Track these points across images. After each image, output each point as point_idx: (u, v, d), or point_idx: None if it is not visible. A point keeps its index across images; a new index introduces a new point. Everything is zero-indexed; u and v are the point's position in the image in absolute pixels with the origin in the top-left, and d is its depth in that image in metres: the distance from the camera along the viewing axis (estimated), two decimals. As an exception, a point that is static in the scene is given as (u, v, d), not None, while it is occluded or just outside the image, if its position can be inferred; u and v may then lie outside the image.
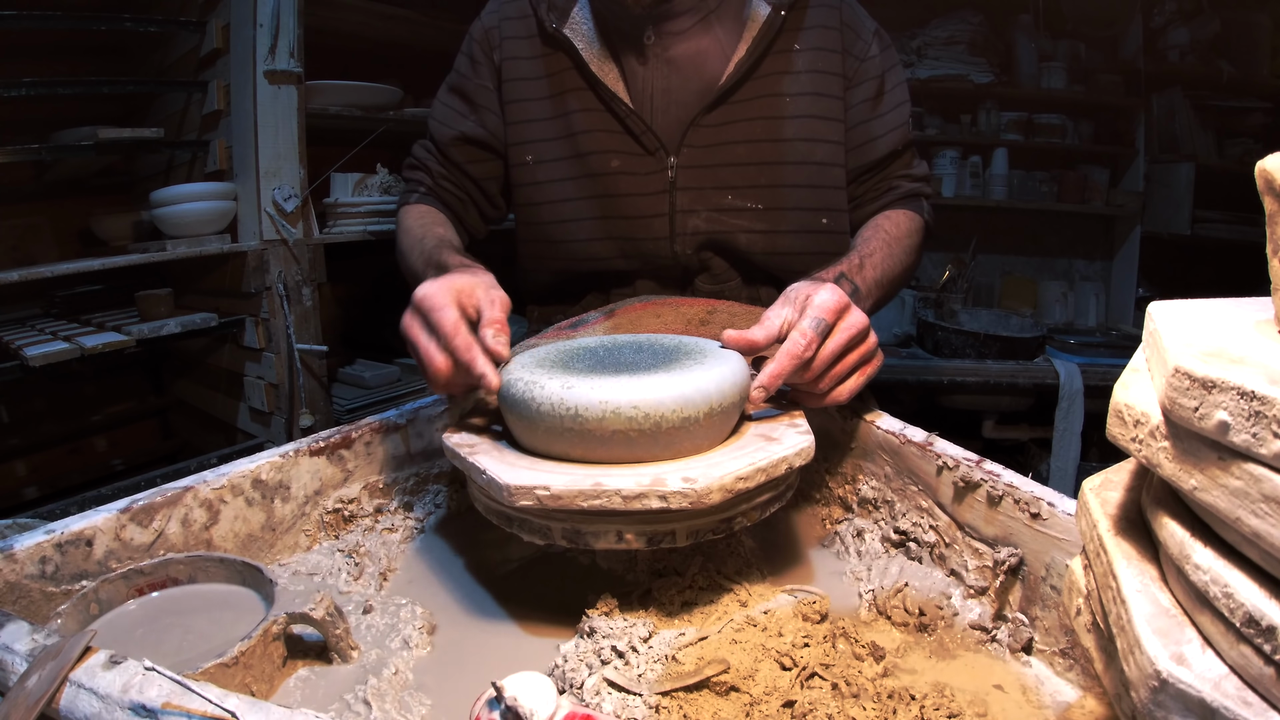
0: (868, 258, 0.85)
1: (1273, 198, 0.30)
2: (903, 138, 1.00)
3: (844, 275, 0.79)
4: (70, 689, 0.35)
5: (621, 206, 0.97)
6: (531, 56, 0.99)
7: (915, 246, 0.96)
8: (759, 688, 0.44)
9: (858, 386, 0.65)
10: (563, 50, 0.96)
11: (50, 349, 1.36)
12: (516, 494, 0.49)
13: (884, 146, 0.99)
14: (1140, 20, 2.67)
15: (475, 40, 1.03)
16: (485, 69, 1.02)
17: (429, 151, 1.05)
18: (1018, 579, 0.53)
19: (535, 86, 0.99)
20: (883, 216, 0.96)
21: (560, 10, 0.96)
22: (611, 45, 0.95)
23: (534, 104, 0.99)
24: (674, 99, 0.94)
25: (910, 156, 1.03)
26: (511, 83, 1.00)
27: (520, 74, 0.99)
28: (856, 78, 0.97)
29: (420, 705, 0.46)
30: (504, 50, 1.00)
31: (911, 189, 1.01)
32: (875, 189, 1.01)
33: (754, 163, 0.95)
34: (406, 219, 0.99)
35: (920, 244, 0.98)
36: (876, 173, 1.01)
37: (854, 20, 0.98)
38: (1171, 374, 0.29)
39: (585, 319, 1.02)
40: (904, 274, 0.93)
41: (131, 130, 1.55)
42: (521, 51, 0.99)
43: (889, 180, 1.01)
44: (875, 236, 0.90)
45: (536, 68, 0.98)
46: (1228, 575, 0.28)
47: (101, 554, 0.52)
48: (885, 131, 0.98)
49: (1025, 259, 2.97)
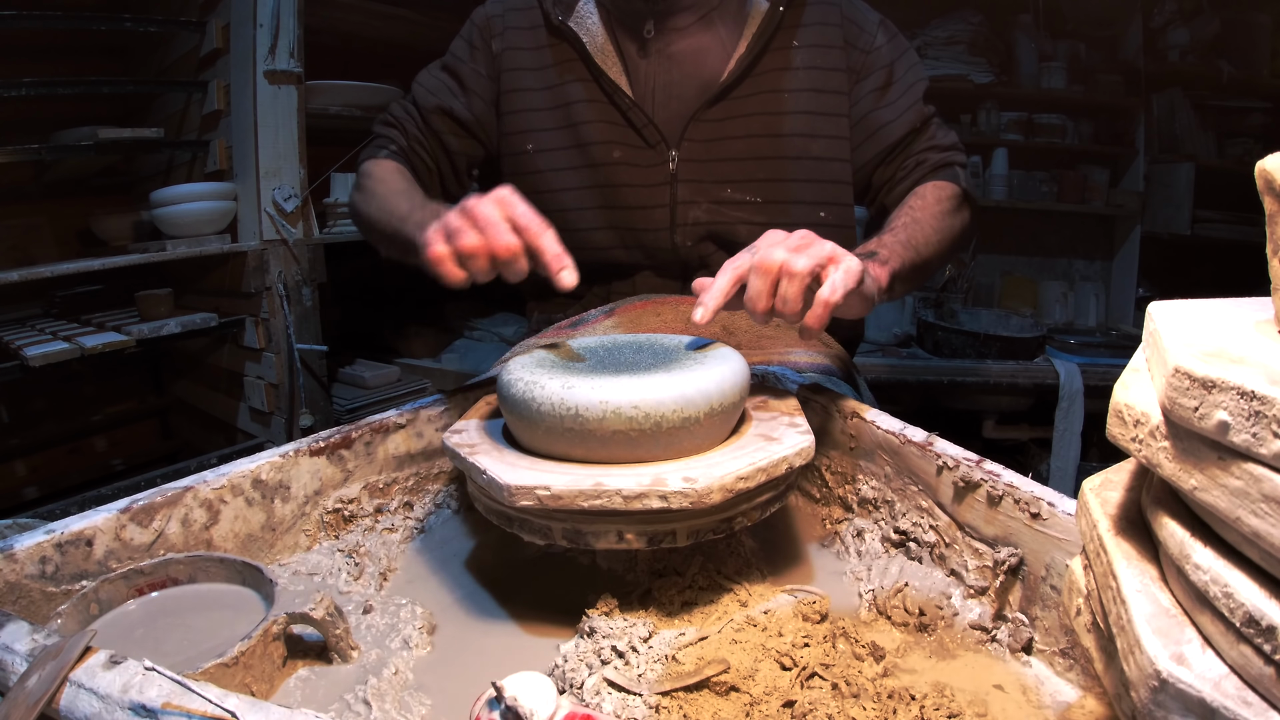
0: (888, 231, 0.84)
1: (1273, 198, 0.30)
2: (919, 115, 0.98)
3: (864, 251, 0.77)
4: (70, 689, 0.35)
5: (622, 196, 0.97)
6: (534, 47, 0.99)
7: (950, 210, 0.92)
8: (759, 688, 0.44)
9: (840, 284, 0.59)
10: (567, 42, 0.97)
11: (50, 349, 1.36)
12: (517, 494, 0.49)
13: (900, 128, 0.97)
14: (1140, 20, 2.67)
15: (476, 26, 1.03)
16: (482, 55, 1.01)
17: (408, 113, 1.02)
18: (1018, 579, 0.53)
19: (537, 77, 0.99)
20: (911, 195, 0.94)
21: (566, 3, 0.97)
22: (616, 39, 0.96)
23: (535, 94, 0.99)
24: (675, 93, 0.95)
25: (933, 129, 1.00)
26: (511, 72, 1.00)
27: (521, 64, 1.00)
28: (864, 70, 0.97)
29: (420, 705, 0.46)
30: (505, 40, 1.00)
31: (941, 159, 0.98)
32: (903, 168, 0.99)
33: (753, 157, 0.95)
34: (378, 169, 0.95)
35: (958, 207, 0.94)
36: (899, 153, 0.99)
37: (855, 15, 0.99)
38: (1171, 374, 0.29)
39: (586, 318, 1.02)
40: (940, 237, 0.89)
41: (131, 130, 1.55)
42: (524, 42, 1.00)
43: (915, 156, 0.99)
44: (898, 215, 0.88)
45: (539, 58, 0.99)
46: (1228, 575, 0.28)
47: (101, 554, 0.52)
48: (897, 115, 0.98)
49: (1025, 259, 2.97)
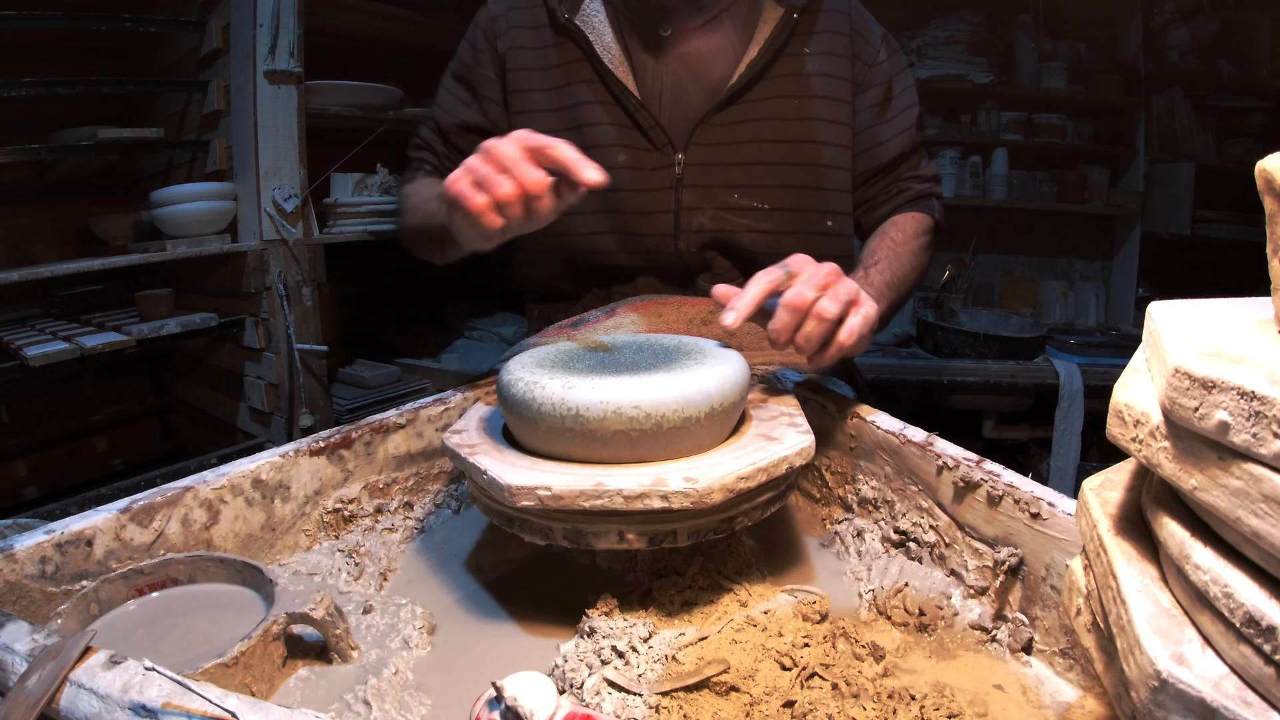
0: (873, 266, 0.87)
1: (1273, 198, 0.30)
2: (910, 140, 1.00)
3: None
4: (70, 689, 0.35)
5: (626, 201, 0.97)
6: (539, 46, 0.98)
7: (925, 246, 0.97)
8: (759, 688, 0.44)
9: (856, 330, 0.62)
10: (574, 41, 0.96)
11: (50, 349, 1.36)
12: (518, 494, 0.49)
13: (892, 150, 0.99)
14: (1140, 20, 2.67)
15: (480, 28, 1.02)
16: (488, 57, 1.01)
17: (434, 134, 1.06)
18: (1018, 579, 0.53)
19: (542, 77, 0.98)
20: (890, 224, 0.98)
21: (571, 1, 0.96)
22: (624, 39, 0.95)
23: (540, 94, 0.99)
24: (683, 96, 0.94)
25: (919, 158, 1.03)
26: (516, 72, 0.99)
27: (526, 64, 0.99)
28: (865, 83, 0.98)
29: (420, 705, 0.46)
30: (510, 39, 0.99)
31: (921, 190, 1.02)
32: (885, 191, 1.02)
33: (761, 163, 0.95)
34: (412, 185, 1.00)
35: (931, 243, 0.99)
36: (885, 175, 1.01)
37: (863, 26, 0.99)
38: (1171, 374, 0.29)
39: (586, 318, 1.02)
40: (915, 274, 0.95)
41: (131, 130, 1.55)
42: (528, 41, 0.99)
43: (898, 183, 1.02)
44: (881, 246, 0.92)
45: (544, 58, 0.98)
46: (1228, 575, 0.28)
47: (101, 554, 0.52)
48: (892, 136, 0.99)
49: (1025, 259, 2.97)
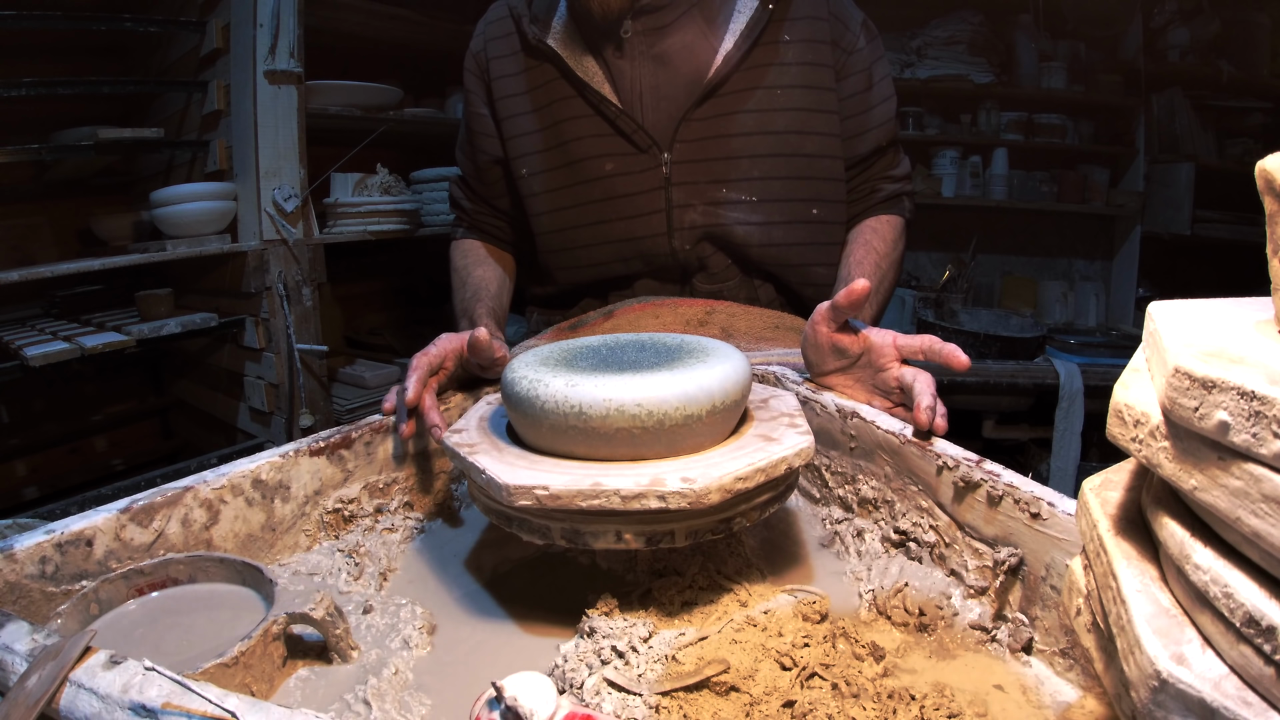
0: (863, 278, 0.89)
1: (1273, 198, 0.30)
2: (888, 134, 1.00)
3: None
4: (70, 689, 0.35)
5: (618, 208, 0.97)
6: (517, 72, 0.99)
7: (902, 253, 1.01)
8: (759, 688, 0.44)
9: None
10: (547, 60, 0.96)
11: (50, 349, 1.36)
12: (515, 494, 0.49)
13: (869, 142, 0.99)
14: (1140, 20, 2.67)
15: (468, 70, 1.05)
16: (478, 96, 1.03)
17: (459, 187, 1.12)
18: (1018, 579, 0.53)
19: (524, 101, 0.99)
20: (869, 230, 0.98)
21: (542, 22, 0.96)
22: (595, 48, 0.95)
23: (524, 118, 0.99)
24: (663, 94, 0.94)
25: (894, 155, 1.03)
26: (502, 100, 1.00)
27: (509, 91, 1.00)
28: (845, 70, 0.97)
29: (420, 705, 0.46)
30: (492, 70, 1.01)
31: (894, 190, 1.02)
32: (859, 190, 1.02)
33: (746, 155, 0.94)
34: (453, 256, 1.08)
35: (904, 243, 1.03)
36: (861, 170, 1.01)
37: (841, 10, 0.98)
38: (1171, 374, 0.29)
39: (585, 319, 1.02)
40: (895, 281, 1.00)
41: (131, 130, 1.55)
42: (508, 69, 1.00)
43: (872, 182, 1.02)
44: (868, 258, 0.92)
45: (523, 82, 0.99)
46: (1228, 575, 0.28)
47: (101, 554, 0.52)
48: (871, 127, 0.99)
49: (1025, 259, 2.97)
